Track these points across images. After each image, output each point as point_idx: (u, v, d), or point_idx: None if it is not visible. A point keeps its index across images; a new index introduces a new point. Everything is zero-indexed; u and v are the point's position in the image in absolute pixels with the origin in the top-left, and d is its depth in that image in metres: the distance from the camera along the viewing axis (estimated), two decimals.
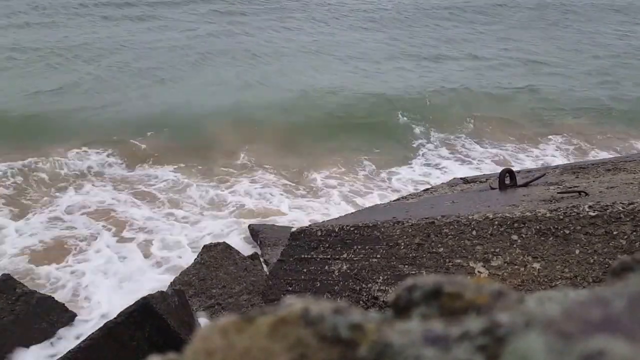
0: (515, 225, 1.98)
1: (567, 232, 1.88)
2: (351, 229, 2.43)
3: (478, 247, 2.02)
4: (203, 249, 4.68)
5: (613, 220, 1.82)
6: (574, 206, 1.94)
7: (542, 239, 1.92)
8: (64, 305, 4.06)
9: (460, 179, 3.68)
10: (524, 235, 1.96)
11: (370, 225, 2.38)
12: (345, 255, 2.38)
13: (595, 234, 1.83)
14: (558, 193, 2.32)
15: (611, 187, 2.32)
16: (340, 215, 3.67)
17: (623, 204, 1.85)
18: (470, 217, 2.09)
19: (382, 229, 2.32)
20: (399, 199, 3.57)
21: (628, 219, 1.80)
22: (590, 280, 1.79)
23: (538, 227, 1.94)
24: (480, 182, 3.36)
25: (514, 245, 1.96)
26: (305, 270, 2.48)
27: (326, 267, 2.41)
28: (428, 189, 3.64)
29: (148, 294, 3.27)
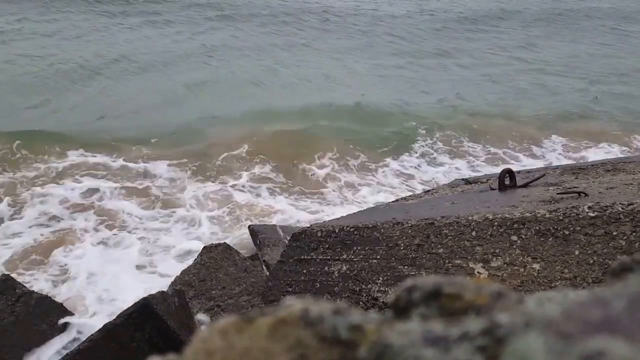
0: (515, 226, 1.98)
1: (567, 233, 1.88)
2: (351, 230, 2.42)
3: (478, 248, 2.02)
4: (203, 249, 4.67)
5: (612, 220, 1.82)
6: (573, 207, 1.94)
7: (542, 239, 1.92)
8: (62, 305, 4.05)
9: (462, 180, 3.67)
10: (523, 236, 1.95)
11: (370, 226, 2.37)
12: (345, 256, 2.37)
13: (594, 235, 1.83)
14: (558, 194, 2.32)
15: (611, 188, 2.32)
16: (341, 214, 3.66)
17: (622, 204, 1.85)
18: (469, 218, 2.09)
19: (382, 230, 2.32)
20: (398, 200, 3.57)
21: (627, 220, 1.80)
22: (590, 280, 1.79)
23: (537, 228, 1.93)
24: (482, 183, 3.35)
25: (514, 246, 1.96)
26: (305, 271, 2.47)
27: (326, 268, 2.41)
28: (429, 190, 3.64)
29: (148, 294, 3.25)
